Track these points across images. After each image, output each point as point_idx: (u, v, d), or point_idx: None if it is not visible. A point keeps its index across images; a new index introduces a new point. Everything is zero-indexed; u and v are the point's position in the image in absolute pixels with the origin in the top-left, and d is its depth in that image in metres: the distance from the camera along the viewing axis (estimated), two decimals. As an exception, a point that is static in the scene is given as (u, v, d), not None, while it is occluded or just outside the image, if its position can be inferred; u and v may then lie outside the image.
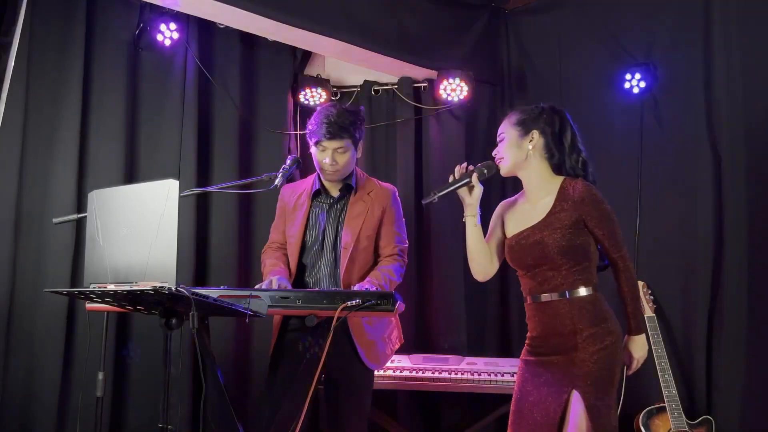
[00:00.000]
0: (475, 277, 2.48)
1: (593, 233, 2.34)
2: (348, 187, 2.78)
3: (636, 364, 2.36)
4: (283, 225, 2.84)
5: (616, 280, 2.36)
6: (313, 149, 2.74)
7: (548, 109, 2.43)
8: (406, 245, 2.84)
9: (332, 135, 2.65)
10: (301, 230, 2.75)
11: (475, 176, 2.41)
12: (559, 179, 2.40)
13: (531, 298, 2.37)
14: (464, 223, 2.45)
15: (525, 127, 2.42)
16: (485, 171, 2.43)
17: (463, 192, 2.42)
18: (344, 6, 3.59)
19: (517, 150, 2.41)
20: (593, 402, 2.20)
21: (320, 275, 2.73)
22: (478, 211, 2.42)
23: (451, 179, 2.43)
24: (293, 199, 2.83)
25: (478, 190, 2.41)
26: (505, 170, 2.44)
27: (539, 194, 2.40)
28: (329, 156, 2.67)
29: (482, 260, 2.45)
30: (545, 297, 2.33)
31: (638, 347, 2.35)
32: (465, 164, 2.46)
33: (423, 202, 2.42)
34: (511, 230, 2.43)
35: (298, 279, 2.75)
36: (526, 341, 2.41)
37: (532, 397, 2.31)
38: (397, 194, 2.87)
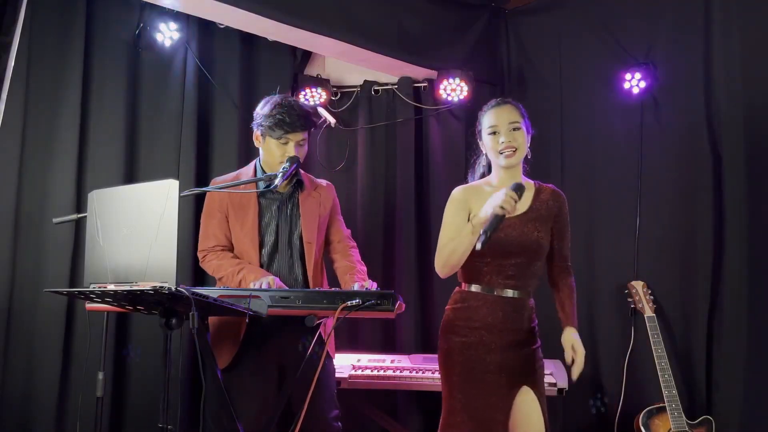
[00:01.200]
0: (443, 275, 2.40)
1: (554, 237, 2.46)
2: (299, 183, 2.80)
3: (581, 358, 2.36)
4: (225, 224, 2.76)
5: (561, 283, 2.52)
6: (270, 144, 2.71)
7: None
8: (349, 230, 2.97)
9: (299, 127, 2.67)
10: (255, 229, 2.72)
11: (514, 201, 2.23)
12: (531, 181, 2.50)
13: (486, 289, 2.38)
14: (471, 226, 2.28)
15: (528, 126, 2.47)
16: (519, 193, 2.22)
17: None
18: (344, 6, 3.59)
19: (526, 145, 2.44)
20: (542, 397, 2.35)
21: (279, 273, 2.70)
22: None
23: (493, 213, 2.18)
24: (236, 197, 2.75)
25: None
26: (515, 161, 2.39)
27: None
28: (292, 148, 2.68)
29: (458, 268, 2.42)
30: (512, 293, 2.38)
31: (571, 338, 2.38)
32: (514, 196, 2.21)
33: (481, 247, 2.15)
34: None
35: None
36: (458, 329, 2.39)
37: (477, 390, 2.33)
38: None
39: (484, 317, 2.37)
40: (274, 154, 2.71)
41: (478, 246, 2.14)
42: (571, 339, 2.37)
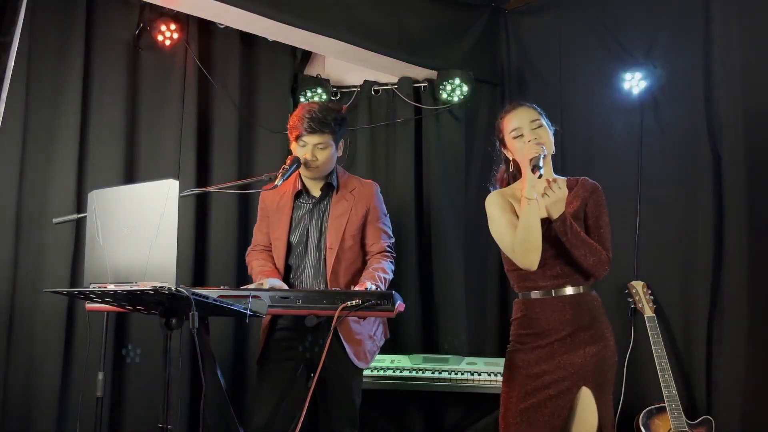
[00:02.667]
0: (529, 267, 2.31)
1: (589, 227, 2.39)
2: (329, 186, 2.79)
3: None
4: (267, 227, 2.84)
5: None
6: (293, 145, 2.74)
7: None
8: (393, 240, 2.86)
9: (313, 130, 2.67)
10: (286, 232, 2.76)
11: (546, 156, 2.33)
12: (562, 177, 2.47)
13: (542, 293, 2.35)
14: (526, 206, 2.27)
15: (548, 123, 2.46)
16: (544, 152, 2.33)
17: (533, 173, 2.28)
18: (344, 6, 3.59)
19: (551, 141, 2.42)
20: (600, 399, 2.27)
21: (305, 276, 2.74)
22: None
23: (535, 153, 2.28)
24: (275, 200, 2.82)
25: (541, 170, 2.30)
26: (549, 156, 2.39)
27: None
28: (309, 151, 2.68)
29: (539, 247, 2.28)
30: (568, 290, 2.34)
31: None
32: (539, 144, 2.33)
33: (537, 169, 2.24)
34: None
35: (285, 280, 2.74)
36: (521, 338, 2.38)
37: (539, 393, 2.30)
38: (379, 190, 2.88)
39: (546, 320, 2.34)
40: (298, 154, 2.72)
41: (537, 175, 2.22)
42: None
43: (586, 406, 2.28)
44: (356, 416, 2.71)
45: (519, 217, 2.30)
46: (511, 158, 2.48)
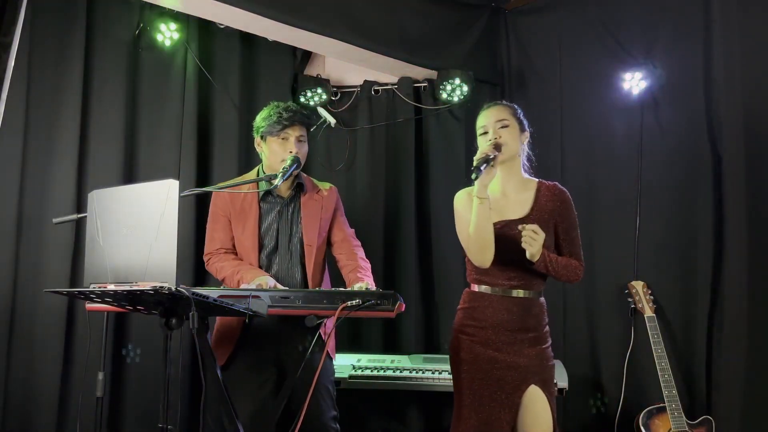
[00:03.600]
0: (486, 264, 2.37)
1: (558, 235, 2.45)
2: (299, 186, 2.80)
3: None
4: (228, 227, 2.80)
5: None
6: (271, 145, 2.74)
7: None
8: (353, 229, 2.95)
9: (296, 121, 2.71)
10: (255, 232, 2.75)
11: (497, 155, 2.35)
12: (533, 179, 2.51)
13: (492, 290, 2.41)
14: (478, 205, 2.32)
15: (521, 125, 2.50)
16: (497, 151, 2.36)
17: (486, 171, 2.30)
18: (344, 6, 3.59)
19: (517, 142, 2.46)
20: (551, 396, 2.36)
21: (278, 276, 2.72)
22: None
23: (482, 155, 2.32)
24: (237, 201, 2.78)
25: (495, 172, 2.36)
26: (504, 156, 2.41)
27: (517, 189, 2.47)
28: (293, 144, 2.70)
29: (492, 245, 2.34)
30: (519, 293, 2.40)
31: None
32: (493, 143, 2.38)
33: (475, 173, 2.27)
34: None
35: None
36: (466, 328, 2.43)
37: (483, 388, 2.35)
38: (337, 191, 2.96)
39: (491, 317, 2.39)
40: (276, 152, 2.73)
41: (474, 176, 2.25)
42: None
43: (539, 402, 2.34)
44: (336, 405, 2.76)
45: (471, 216, 2.34)
46: None
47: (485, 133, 2.44)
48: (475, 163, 2.29)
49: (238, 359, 2.66)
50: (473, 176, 2.27)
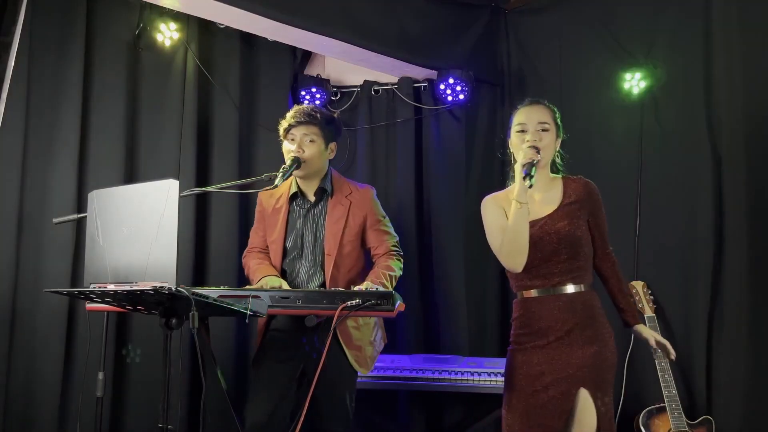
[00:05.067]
0: (518, 269, 2.34)
1: (590, 227, 2.42)
2: (323, 191, 2.78)
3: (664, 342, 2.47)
4: (263, 230, 2.85)
5: (608, 273, 2.47)
6: (284, 146, 2.76)
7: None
8: (397, 238, 2.86)
9: (300, 121, 2.70)
10: (282, 235, 2.76)
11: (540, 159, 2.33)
12: (558, 176, 2.48)
13: (540, 291, 2.35)
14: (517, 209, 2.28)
15: (558, 130, 2.47)
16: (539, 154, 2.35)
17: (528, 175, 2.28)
18: (344, 6, 3.59)
19: (553, 148, 2.44)
20: (599, 399, 2.26)
21: (299, 280, 2.73)
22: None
23: (527, 159, 2.28)
24: (271, 202, 2.82)
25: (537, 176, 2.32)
26: (544, 162, 2.39)
27: (545, 188, 2.43)
28: (297, 143, 2.69)
29: (526, 250, 2.31)
30: (567, 288, 2.34)
31: (649, 331, 2.49)
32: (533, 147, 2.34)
33: (529, 178, 2.23)
34: None
35: None
36: (520, 338, 2.39)
37: (540, 395, 2.30)
38: (375, 194, 2.87)
39: (542, 320, 2.34)
40: (286, 153, 2.73)
41: (527, 184, 2.23)
42: (649, 334, 2.47)
43: (585, 407, 2.26)
44: (350, 420, 2.71)
45: (508, 219, 2.31)
46: (511, 155, 2.49)
47: (523, 131, 2.39)
48: (524, 168, 2.25)
49: (264, 355, 2.70)
50: (529, 181, 2.22)
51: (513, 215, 2.28)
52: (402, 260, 2.82)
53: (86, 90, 3.44)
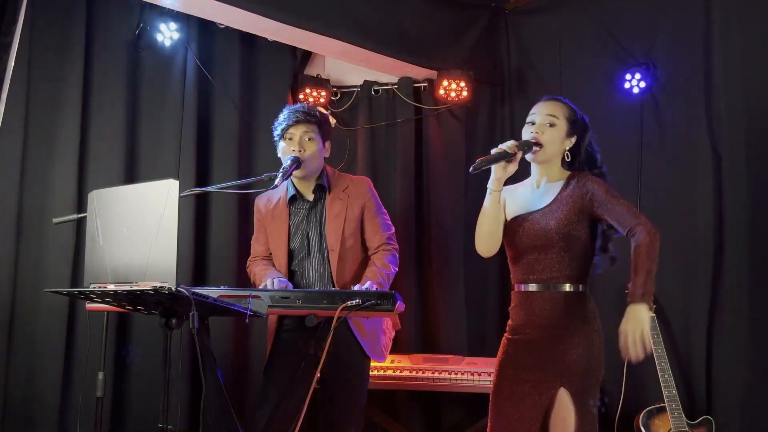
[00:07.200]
0: (484, 254, 2.38)
1: (601, 212, 2.31)
2: (321, 188, 2.79)
3: (627, 340, 2.16)
4: (265, 237, 2.85)
5: (634, 248, 2.25)
6: (280, 147, 2.75)
7: (583, 120, 2.46)
8: (393, 230, 2.86)
9: (299, 120, 2.70)
10: (285, 239, 2.76)
11: (519, 153, 2.29)
12: (567, 172, 2.45)
13: (538, 287, 2.34)
14: (488, 196, 2.31)
15: (571, 128, 2.41)
16: (525, 149, 2.32)
17: (499, 165, 2.28)
18: (344, 6, 3.59)
19: (560, 145, 2.40)
20: (579, 398, 2.25)
21: (310, 280, 2.74)
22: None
23: (496, 150, 2.28)
24: (269, 209, 2.82)
25: (513, 167, 2.30)
26: (542, 157, 2.37)
27: (550, 183, 2.41)
28: (297, 142, 2.69)
29: (497, 237, 2.36)
30: (564, 287, 2.32)
31: (632, 323, 2.18)
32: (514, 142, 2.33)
33: (472, 171, 2.24)
34: (512, 213, 2.41)
35: None
36: (511, 328, 2.40)
37: (525, 385, 2.30)
38: (372, 185, 2.88)
39: (535, 315, 2.33)
40: (284, 153, 2.73)
41: (473, 170, 2.23)
42: (625, 329, 2.16)
43: (563, 407, 2.26)
44: (362, 418, 2.72)
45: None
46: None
47: (531, 123, 2.38)
48: (480, 159, 2.24)
49: (275, 354, 2.71)
50: (471, 170, 2.24)
51: (485, 203, 2.33)
52: (397, 253, 2.83)
53: (86, 90, 3.44)
